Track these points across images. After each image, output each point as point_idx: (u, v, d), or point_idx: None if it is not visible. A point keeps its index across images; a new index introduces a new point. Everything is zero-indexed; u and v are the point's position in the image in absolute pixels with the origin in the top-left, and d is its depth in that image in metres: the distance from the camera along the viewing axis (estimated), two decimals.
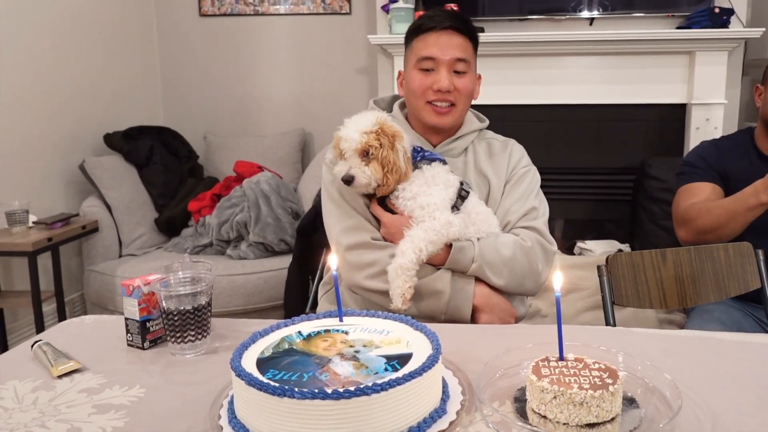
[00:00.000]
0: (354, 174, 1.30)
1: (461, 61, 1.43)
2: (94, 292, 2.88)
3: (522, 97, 3.24)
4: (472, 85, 1.47)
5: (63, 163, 3.06)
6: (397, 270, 1.28)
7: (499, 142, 1.55)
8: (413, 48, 1.46)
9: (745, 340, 1.09)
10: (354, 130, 1.30)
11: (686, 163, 1.87)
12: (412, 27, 1.48)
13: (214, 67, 3.80)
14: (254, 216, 2.87)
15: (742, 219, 1.60)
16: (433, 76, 1.42)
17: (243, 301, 2.75)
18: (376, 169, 1.29)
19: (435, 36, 1.42)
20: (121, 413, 0.87)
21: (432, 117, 1.44)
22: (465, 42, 1.44)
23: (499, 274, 1.35)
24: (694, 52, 3.07)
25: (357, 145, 1.29)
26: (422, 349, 0.87)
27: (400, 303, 1.28)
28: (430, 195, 1.32)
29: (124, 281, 1.11)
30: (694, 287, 1.48)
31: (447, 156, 1.46)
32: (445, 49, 1.41)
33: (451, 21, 1.42)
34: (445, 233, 1.30)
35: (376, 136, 1.29)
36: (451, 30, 1.42)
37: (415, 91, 1.44)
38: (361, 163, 1.30)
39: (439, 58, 1.42)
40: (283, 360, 0.86)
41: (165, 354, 1.09)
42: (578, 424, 0.80)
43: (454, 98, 1.43)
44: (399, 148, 1.31)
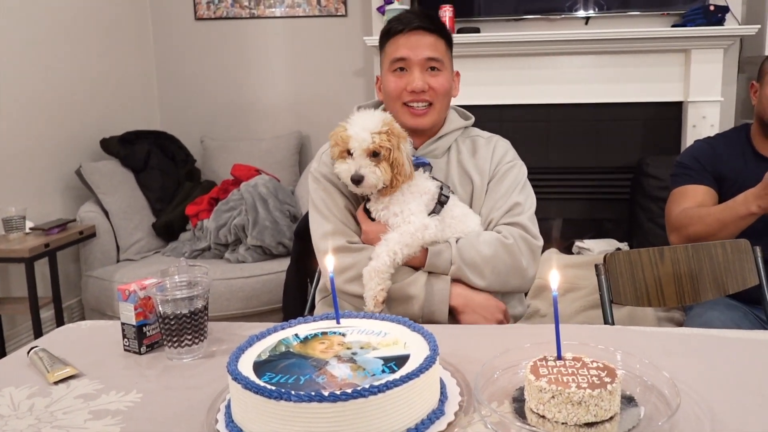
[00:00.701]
0: (364, 174, 1.28)
1: (434, 60, 1.42)
2: (92, 298, 2.88)
3: (518, 97, 3.24)
4: (449, 84, 1.46)
5: (60, 168, 3.05)
6: (371, 273, 1.29)
7: (483, 139, 1.53)
8: (386, 52, 1.46)
9: (744, 336, 1.08)
10: (363, 128, 1.28)
11: (679, 164, 1.85)
12: (382, 31, 1.48)
13: (210, 70, 3.79)
14: (252, 219, 2.86)
15: (733, 228, 1.60)
16: (407, 77, 1.42)
17: (241, 304, 2.75)
18: (386, 170, 1.29)
19: (405, 37, 1.42)
20: (117, 419, 0.87)
21: (409, 119, 1.43)
22: (436, 40, 1.43)
23: (480, 275, 1.34)
24: (690, 50, 3.07)
25: (369, 145, 1.27)
26: (420, 350, 0.87)
27: (372, 305, 1.29)
28: (404, 202, 1.33)
29: (121, 286, 1.11)
30: (692, 285, 1.47)
31: (429, 157, 1.46)
32: (415, 49, 1.41)
33: (419, 21, 1.42)
34: (420, 236, 1.30)
35: (388, 137, 1.28)
36: (420, 30, 1.41)
37: (391, 94, 1.44)
38: (370, 164, 1.28)
39: (411, 58, 1.41)
40: (280, 363, 0.85)
41: (162, 359, 1.08)
42: (577, 424, 0.79)
43: (431, 98, 1.42)
44: (404, 149, 1.31)
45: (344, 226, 1.41)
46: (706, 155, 1.81)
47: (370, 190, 1.33)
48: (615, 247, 3.17)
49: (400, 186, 1.31)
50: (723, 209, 1.62)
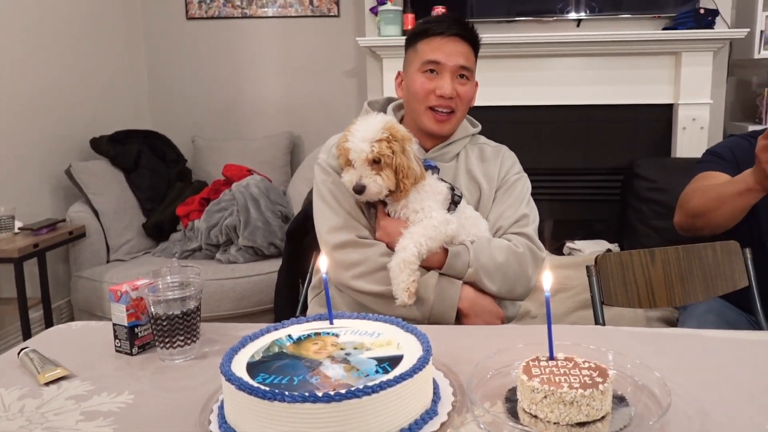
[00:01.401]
0: (365, 184, 1.28)
1: (464, 69, 1.43)
2: (81, 298, 2.86)
3: (510, 99, 3.26)
4: (472, 93, 1.48)
5: (49, 168, 3.03)
6: (400, 265, 1.27)
7: (490, 147, 1.55)
8: (418, 51, 1.45)
9: (734, 337, 1.09)
10: (361, 139, 1.28)
11: (712, 152, 1.73)
12: (417, 29, 1.47)
13: (201, 70, 3.78)
14: (243, 220, 2.85)
15: (730, 205, 1.49)
16: (437, 80, 1.42)
17: (233, 305, 2.74)
18: (389, 177, 1.28)
19: (442, 41, 1.42)
20: (109, 420, 0.86)
21: (432, 124, 1.44)
22: (469, 50, 1.45)
23: (492, 280, 1.35)
24: (680, 52, 3.09)
25: (367, 155, 1.27)
26: (413, 351, 0.87)
27: (405, 297, 1.27)
28: (422, 200, 1.33)
29: (112, 287, 1.10)
30: (682, 286, 1.49)
31: (438, 161, 1.46)
32: (450, 55, 1.42)
33: (458, 28, 1.43)
34: (443, 230, 1.30)
35: (388, 144, 1.27)
36: (457, 37, 1.42)
37: (417, 94, 1.43)
38: (371, 172, 1.28)
39: (445, 63, 1.41)
40: (274, 364, 0.85)
41: (154, 360, 1.08)
42: (569, 423, 0.80)
43: (455, 105, 1.43)
44: (409, 150, 1.30)
45: (353, 221, 1.40)
46: (744, 151, 1.65)
47: (375, 198, 1.33)
48: (606, 248, 3.19)
49: (410, 188, 1.31)
50: (724, 184, 1.53)
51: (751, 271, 1.50)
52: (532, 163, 3.42)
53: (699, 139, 3.15)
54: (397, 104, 1.56)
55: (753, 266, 1.51)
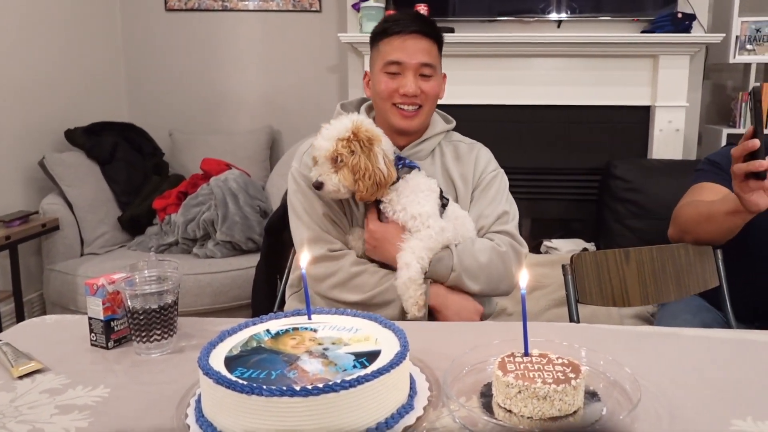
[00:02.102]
0: (323, 181, 1.32)
1: (427, 66, 1.43)
2: (54, 292, 2.81)
3: (490, 98, 3.28)
4: (438, 88, 1.48)
5: (22, 159, 2.98)
6: (407, 283, 1.31)
7: (465, 145, 1.56)
8: (380, 51, 1.46)
9: (705, 335, 1.12)
10: (325, 137, 1.31)
11: (710, 161, 1.66)
12: (377, 29, 1.47)
13: (180, 62, 3.74)
14: (222, 214, 2.83)
15: (718, 223, 1.46)
16: (400, 80, 1.42)
17: (210, 300, 2.72)
18: (346, 177, 1.30)
19: (401, 40, 1.42)
20: (84, 413, 0.86)
21: (399, 120, 1.44)
22: (431, 45, 1.44)
23: (475, 280, 1.37)
24: (658, 55, 3.15)
25: (327, 152, 1.30)
26: (390, 347, 0.88)
27: (416, 311, 1.32)
28: (419, 204, 1.34)
29: (88, 280, 1.09)
30: (655, 285, 1.51)
31: (414, 158, 1.47)
32: (411, 53, 1.42)
33: (417, 25, 1.43)
34: (441, 239, 1.34)
35: (347, 143, 1.29)
36: (417, 34, 1.42)
37: (382, 94, 1.44)
38: (330, 170, 1.31)
39: (406, 62, 1.42)
40: (252, 358, 0.85)
41: (130, 354, 1.07)
42: (542, 418, 0.82)
43: (421, 101, 1.44)
44: (378, 151, 1.31)
45: (323, 233, 1.42)
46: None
47: (336, 196, 1.35)
48: (582, 247, 3.24)
49: (366, 191, 1.31)
50: (715, 201, 1.48)
51: (722, 271, 1.54)
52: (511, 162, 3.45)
53: (675, 141, 3.21)
54: (369, 105, 1.56)
55: (723, 266, 1.54)
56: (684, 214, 1.56)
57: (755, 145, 1.28)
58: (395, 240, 1.35)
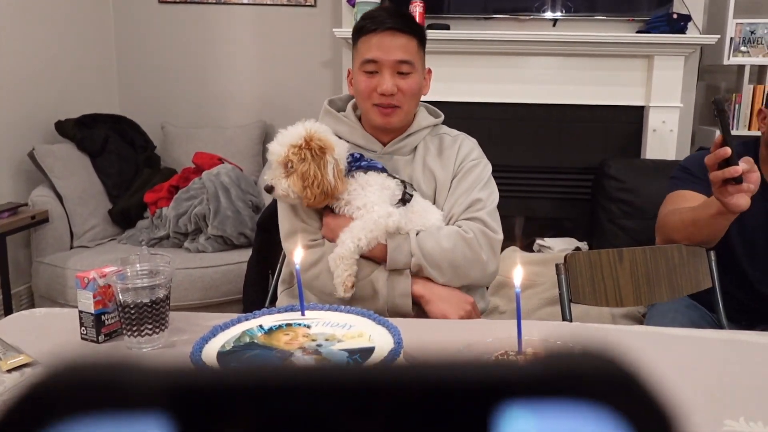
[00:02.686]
0: (273, 185, 1.34)
1: (405, 63, 1.40)
2: (43, 285, 2.79)
3: (485, 95, 3.28)
4: (418, 85, 1.45)
5: (11, 150, 2.94)
6: (336, 260, 1.31)
7: (450, 137, 1.54)
8: (358, 49, 1.44)
9: (697, 335, 1.12)
10: (280, 142, 1.33)
11: (684, 168, 1.70)
12: (355, 27, 1.46)
13: (173, 55, 3.71)
14: (213, 208, 2.82)
15: (707, 228, 1.48)
16: (377, 78, 1.40)
17: (200, 294, 2.71)
18: (295, 183, 1.31)
19: (377, 38, 1.39)
20: None
21: (378, 118, 1.43)
22: (408, 41, 1.41)
23: (438, 268, 1.35)
24: (653, 56, 3.15)
25: (279, 157, 1.32)
26: (384, 344, 0.87)
27: (342, 291, 1.30)
28: (365, 196, 1.35)
29: (79, 273, 1.08)
30: (648, 286, 1.52)
31: (397, 155, 1.47)
32: (387, 51, 1.39)
33: (392, 21, 1.39)
34: (383, 222, 1.32)
35: (298, 150, 1.30)
36: (393, 30, 1.39)
37: (362, 94, 1.44)
38: (281, 175, 1.33)
39: (382, 60, 1.39)
40: (244, 354, 0.85)
41: (121, 348, 1.06)
42: None
43: (398, 101, 1.41)
44: (329, 161, 1.31)
45: (305, 225, 1.42)
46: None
47: (286, 200, 1.37)
48: (575, 246, 3.24)
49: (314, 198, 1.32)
50: (697, 208, 1.50)
51: (715, 272, 1.54)
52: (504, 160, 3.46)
53: (668, 141, 3.22)
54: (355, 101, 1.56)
55: (717, 268, 1.55)
56: (669, 223, 1.57)
57: (726, 153, 1.31)
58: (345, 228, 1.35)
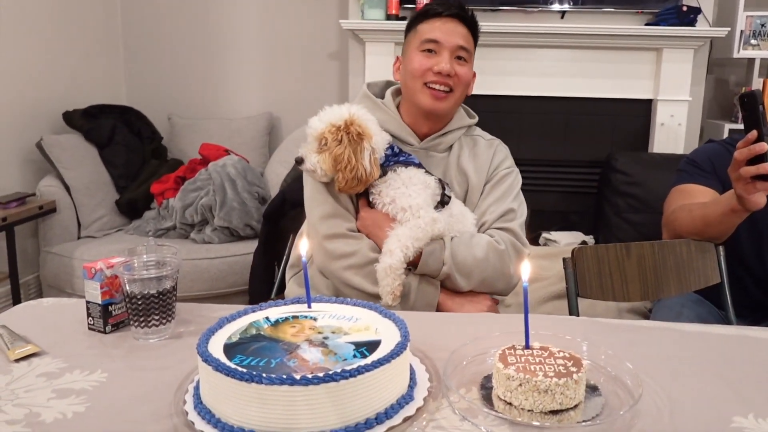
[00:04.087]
0: (303, 156, 1.34)
1: (463, 50, 1.44)
2: (50, 274, 2.80)
3: (492, 88, 3.26)
4: (470, 76, 1.47)
5: (19, 140, 2.95)
6: (386, 270, 1.29)
7: (485, 140, 1.55)
8: (418, 31, 1.46)
9: (706, 330, 1.12)
10: (321, 119, 1.33)
11: (691, 161, 1.68)
12: (418, 12, 1.49)
13: (180, 46, 3.71)
14: (219, 200, 2.82)
15: (717, 226, 1.47)
16: (435, 58, 1.42)
17: (207, 285, 2.72)
18: (325, 161, 1.31)
19: (441, 21, 1.43)
20: (82, 398, 0.85)
21: (428, 100, 1.42)
22: (468, 33, 1.46)
23: (468, 276, 1.35)
24: (662, 48, 3.13)
25: (315, 132, 1.32)
26: (391, 337, 0.87)
27: (390, 300, 1.30)
28: (410, 196, 1.33)
29: (86, 264, 1.08)
30: (656, 281, 1.51)
31: (432, 151, 1.47)
32: (449, 34, 1.42)
33: (458, 9, 1.45)
34: (429, 230, 1.32)
35: (336, 131, 1.30)
36: (457, 19, 1.44)
37: (414, 72, 1.43)
38: (314, 150, 1.33)
39: (444, 42, 1.42)
40: (251, 346, 0.85)
41: (128, 338, 1.06)
42: (542, 411, 0.81)
43: (453, 84, 1.43)
44: (366, 147, 1.31)
45: (344, 210, 1.41)
46: (722, 159, 1.59)
47: (315, 177, 1.36)
48: (581, 239, 3.23)
49: (346, 183, 1.31)
50: (709, 205, 1.50)
51: (723, 268, 1.53)
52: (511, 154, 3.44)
53: (676, 135, 3.20)
54: (396, 89, 1.55)
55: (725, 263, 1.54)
56: (678, 220, 1.56)
57: (763, 149, 1.28)
58: (384, 227, 1.34)
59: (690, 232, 1.53)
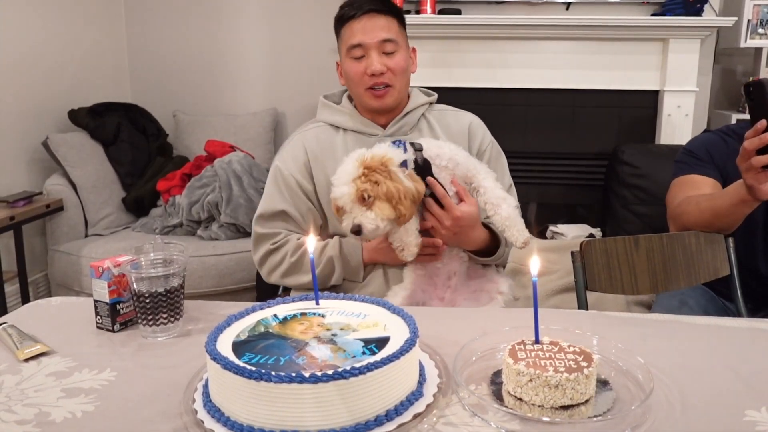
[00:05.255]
0: (359, 222, 1.23)
1: (388, 41, 1.44)
2: (58, 273, 2.81)
3: (498, 81, 3.24)
4: (405, 62, 1.48)
5: (25, 139, 2.96)
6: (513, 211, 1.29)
7: (451, 112, 1.58)
8: (342, 37, 1.49)
9: (716, 323, 1.11)
10: (341, 183, 1.24)
11: (688, 152, 1.68)
12: (336, 17, 1.50)
13: (184, 43, 3.70)
14: (226, 196, 2.82)
15: (727, 217, 1.45)
16: (364, 61, 1.44)
17: (214, 282, 2.72)
18: (382, 208, 1.22)
19: (358, 22, 1.44)
20: (91, 397, 0.85)
21: (373, 101, 1.46)
22: (389, 21, 1.46)
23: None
24: (668, 39, 3.10)
25: (350, 196, 1.23)
26: (399, 333, 0.87)
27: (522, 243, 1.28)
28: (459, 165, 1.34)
29: (93, 263, 1.08)
30: (665, 273, 1.50)
31: (399, 134, 1.50)
32: (369, 33, 1.43)
33: (370, 4, 1.44)
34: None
35: (365, 179, 1.22)
36: (372, 13, 1.44)
37: (353, 79, 1.47)
38: (362, 210, 1.23)
39: (366, 43, 1.43)
40: (259, 343, 0.84)
41: (136, 337, 1.06)
42: (553, 406, 0.81)
43: (389, 79, 1.45)
44: (396, 170, 1.24)
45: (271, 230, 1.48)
46: (719, 149, 1.62)
47: (374, 234, 1.26)
48: (588, 232, 3.22)
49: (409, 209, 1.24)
50: (716, 196, 1.49)
51: (733, 260, 1.52)
52: (517, 146, 3.43)
53: (683, 126, 3.17)
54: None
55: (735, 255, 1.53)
56: (686, 213, 1.54)
57: None
58: (478, 220, 1.36)
59: (698, 225, 1.52)
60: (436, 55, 3.19)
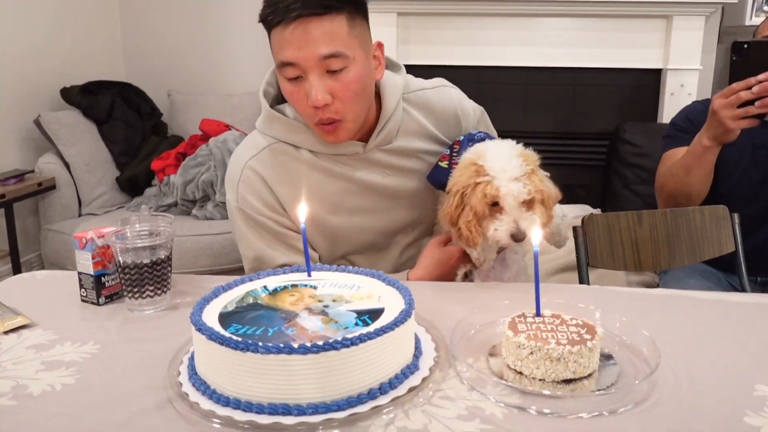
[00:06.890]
0: (525, 228, 1.06)
1: (332, 57, 1.06)
2: (51, 252, 2.78)
3: (496, 59, 3.18)
4: (359, 79, 1.10)
5: (17, 117, 2.90)
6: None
7: (430, 90, 1.29)
8: (271, 45, 1.12)
9: (721, 298, 1.07)
10: (509, 177, 1.06)
11: (673, 124, 1.68)
12: (260, 16, 1.11)
13: (178, 21, 3.63)
14: (221, 175, 2.78)
15: (696, 170, 1.45)
16: (302, 85, 1.09)
17: (209, 261, 2.68)
18: (543, 213, 1.08)
19: (288, 32, 1.05)
20: (72, 370, 0.82)
21: (324, 136, 1.15)
22: (333, 24, 1.05)
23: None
24: (672, 16, 3.03)
25: (525, 196, 1.06)
26: (394, 304, 0.83)
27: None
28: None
29: (77, 234, 1.04)
30: (668, 250, 1.46)
31: (383, 145, 1.22)
32: (303, 48, 1.05)
33: (300, 8, 1.03)
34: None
35: (521, 176, 1.06)
36: (303, 18, 1.03)
37: (296, 107, 1.15)
38: (526, 214, 1.06)
39: (300, 62, 1.06)
40: (247, 314, 0.81)
41: (122, 310, 1.02)
42: (555, 380, 0.77)
43: (336, 111, 1.10)
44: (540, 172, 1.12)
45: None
46: (700, 114, 1.58)
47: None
48: (589, 212, 3.18)
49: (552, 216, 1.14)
50: (684, 154, 1.50)
51: (738, 236, 1.48)
52: (517, 126, 3.38)
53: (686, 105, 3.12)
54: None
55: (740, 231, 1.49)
56: (665, 183, 1.55)
57: None
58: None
59: (676, 188, 1.52)
60: (432, 32, 3.12)
